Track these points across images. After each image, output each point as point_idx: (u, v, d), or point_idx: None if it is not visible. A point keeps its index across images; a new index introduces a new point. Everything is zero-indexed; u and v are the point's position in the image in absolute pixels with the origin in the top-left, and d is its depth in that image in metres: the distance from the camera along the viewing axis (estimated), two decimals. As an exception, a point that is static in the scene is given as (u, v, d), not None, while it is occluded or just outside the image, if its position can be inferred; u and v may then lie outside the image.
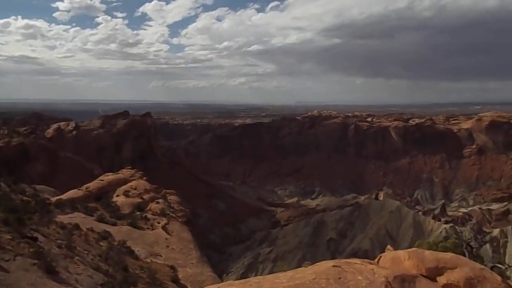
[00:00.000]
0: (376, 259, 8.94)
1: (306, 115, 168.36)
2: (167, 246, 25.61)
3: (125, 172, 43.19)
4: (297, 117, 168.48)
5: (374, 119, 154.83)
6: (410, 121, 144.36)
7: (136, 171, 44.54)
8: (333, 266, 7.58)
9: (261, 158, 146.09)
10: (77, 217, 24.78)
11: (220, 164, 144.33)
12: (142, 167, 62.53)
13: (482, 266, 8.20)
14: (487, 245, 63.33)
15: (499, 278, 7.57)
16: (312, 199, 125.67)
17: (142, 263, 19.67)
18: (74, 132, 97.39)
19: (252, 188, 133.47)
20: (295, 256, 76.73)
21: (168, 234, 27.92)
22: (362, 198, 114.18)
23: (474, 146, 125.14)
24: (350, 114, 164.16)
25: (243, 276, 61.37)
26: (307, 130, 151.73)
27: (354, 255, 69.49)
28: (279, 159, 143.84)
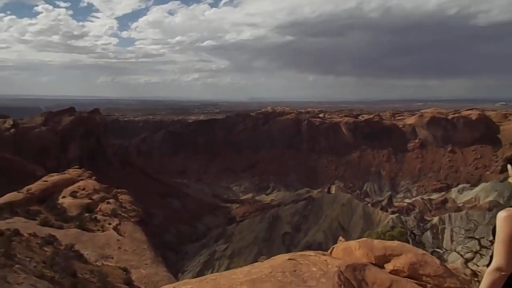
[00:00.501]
0: (329, 250, 9.27)
1: (260, 111, 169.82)
2: (119, 248, 24.70)
3: (72, 172, 40.91)
4: (251, 113, 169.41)
5: (326, 115, 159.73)
6: (360, 117, 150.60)
7: (84, 171, 42.36)
8: (289, 259, 7.74)
9: (215, 154, 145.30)
10: (17, 222, 23.08)
11: (174, 162, 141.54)
12: (91, 167, 59.53)
13: (424, 252, 8.81)
14: (428, 232, 68.02)
15: (438, 261, 8.20)
16: (267, 194, 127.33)
17: (92, 267, 18.80)
18: (12, 131, 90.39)
19: (207, 185, 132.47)
20: (251, 251, 77.38)
21: (120, 235, 26.93)
22: (315, 192, 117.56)
23: (417, 141, 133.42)
24: (303, 110, 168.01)
25: (199, 274, 60.88)
26: (261, 126, 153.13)
27: (309, 247, 71.52)
28: (234, 155, 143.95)
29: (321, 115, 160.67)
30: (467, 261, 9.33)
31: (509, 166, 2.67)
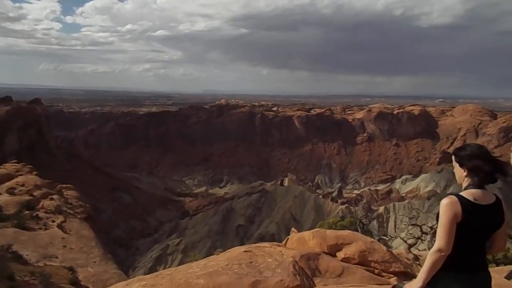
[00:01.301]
0: (284, 241, 9.47)
1: (214, 104, 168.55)
2: (64, 246, 23.41)
3: (9, 167, 37.93)
4: (205, 106, 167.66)
5: (279, 109, 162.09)
6: (312, 111, 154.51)
7: (24, 165, 39.47)
8: (245, 251, 7.78)
9: (168, 147, 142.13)
10: None
11: (124, 155, 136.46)
12: (31, 161, 55.65)
13: (372, 239, 9.31)
14: (375, 221, 71.88)
15: (384, 248, 8.72)
16: (221, 187, 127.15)
17: (33, 268, 17.61)
18: None
19: (160, 178, 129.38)
20: (205, 245, 77.05)
21: (66, 233, 25.51)
22: (269, 184, 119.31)
23: (365, 134, 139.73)
24: (256, 104, 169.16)
25: (152, 270, 59.53)
26: (215, 119, 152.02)
27: (262, 239, 72.58)
28: (187, 148, 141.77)
29: (274, 108, 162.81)
30: (410, 246, 10.00)
31: (453, 157, 2.86)
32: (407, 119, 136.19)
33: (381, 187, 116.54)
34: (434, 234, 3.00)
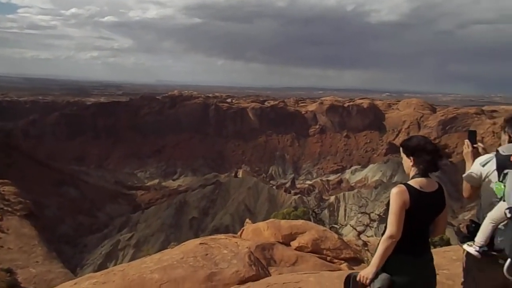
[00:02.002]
0: (239, 232, 9.54)
1: (167, 94, 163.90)
2: (1, 247, 21.81)
3: None
4: (157, 97, 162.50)
5: (233, 100, 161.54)
6: (266, 103, 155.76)
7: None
8: (200, 243, 7.74)
9: (118, 139, 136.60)
10: None
11: (71, 147, 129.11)
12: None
13: (324, 228, 9.67)
14: (326, 210, 74.59)
15: (336, 235, 9.12)
16: (174, 180, 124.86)
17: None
18: None
19: (110, 171, 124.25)
20: (158, 239, 75.54)
21: (3, 232, 23.76)
22: (223, 176, 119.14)
23: (317, 126, 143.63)
24: (211, 95, 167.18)
25: (101, 266, 57.34)
26: (168, 110, 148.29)
27: (216, 231, 72.57)
28: (139, 140, 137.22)
29: (228, 100, 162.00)
30: (359, 233, 10.50)
31: (401, 149, 3.03)
32: (356, 112, 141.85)
33: (332, 177, 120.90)
34: (381, 221, 3.19)
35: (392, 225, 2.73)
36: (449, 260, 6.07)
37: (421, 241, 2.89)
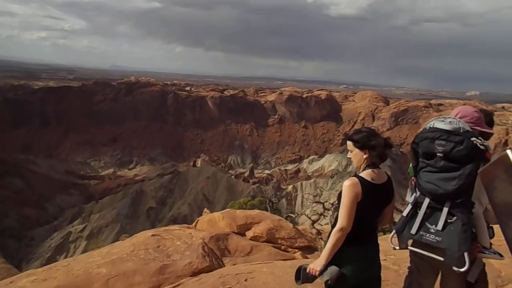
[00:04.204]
0: (194, 223, 9.39)
1: (123, 80, 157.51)
2: None
3: None
4: (113, 83, 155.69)
5: (192, 89, 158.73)
6: (225, 92, 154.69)
7: None
8: (152, 235, 7.51)
9: (70, 127, 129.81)
10: None
11: (16, 135, 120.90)
12: None
13: (280, 217, 9.76)
14: (283, 199, 76.03)
15: (291, 225, 9.23)
16: (130, 169, 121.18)
17: None
18: None
19: (60, 161, 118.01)
20: (113, 230, 73.26)
21: None
22: (181, 165, 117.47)
23: (276, 116, 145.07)
24: (169, 83, 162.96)
25: (50, 260, 54.71)
26: (124, 97, 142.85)
27: (174, 221, 71.70)
28: (92, 128, 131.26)
29: (187, 88, 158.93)
30: (313, 222, 10.74)
31: (350, 142, 3.04)
32: (315, 103, 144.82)
33: (290, 167, 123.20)
34: (335, 210, 3.23)
35: (343, 218, 2.75)
36: (396, 246, 6.32)
37: (370, 232, 2.95)
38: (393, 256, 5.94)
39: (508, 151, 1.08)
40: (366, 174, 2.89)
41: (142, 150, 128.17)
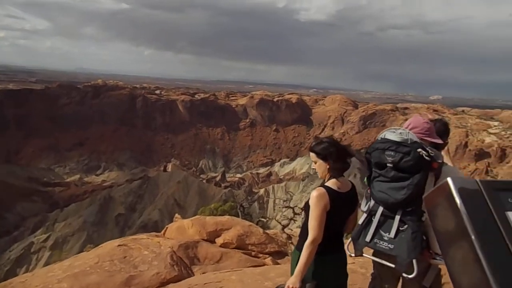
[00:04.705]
0: (163, 231, 9.18)
1: (89, 83, 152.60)
2: None
3: None
4: (78, 86, 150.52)
5: (162, 92, 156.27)
6: (196, 96, 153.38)
7: None
8: (118, 245, 7.27)
9: (33, 131, 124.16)
10: None
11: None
12: None
13: (250, 223, 9.72)
14: (255, 203, 76.14)
15: (261, 230, 9.21)
16: (97, 175, 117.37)
17: None
18: None
19: (21, 167, 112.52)
20: (79, 238, 70.50)
21: None
22: (151, 170, 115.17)
23: (247, 120, 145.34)
24: (138, 86, 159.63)
25: (10, 273, 51.88)
26: (91, 100, 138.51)
27: (144, 227, 70.03)
28: (57, 133, 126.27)
29: (157, 91, 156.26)
30: (284, 227, 10.77)
31: (313, 154, 3.05)
32: (285, 106, 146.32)
33: (262, 170, 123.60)
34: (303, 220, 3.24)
35: (314, 230, 2.76)
36: (363, 249, 6.44)
37: (337, 241, 2.99)
38: (361, 259, 6.04)
39: (449, 179, 1.00)
40: (332, 183, 2.93)
41: (110, 155, 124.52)
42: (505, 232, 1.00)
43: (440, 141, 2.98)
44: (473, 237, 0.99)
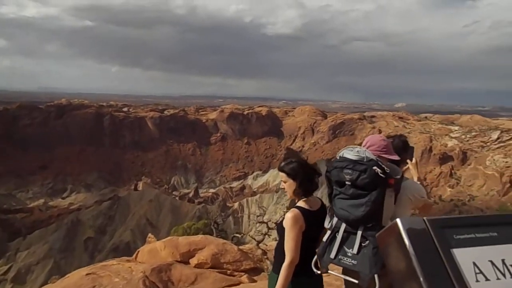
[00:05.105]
0: (134, 255, 8.86)
1: (52, 103, 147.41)
2: None
3: None
4: (40, 106, 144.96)
5: (130, 109, 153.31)
6: (166, 112, 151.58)
7: None
8: (86, 274, 6.93)
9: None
10: None
11: None
12: None
13: (224, 241, 9.56)
14: (230, 218, 75.38)
15: (236, 247, 9.08)
16: (64, 198, 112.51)
17: None
18: None
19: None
20: (44, 267, 66.83)
21: None
22: (121, 190, 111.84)
23: (218, 134, 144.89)
24: (105, 104, 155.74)
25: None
26: (54, 120, 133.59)
27: (115, 249, 67.55)
28: (18, 155, 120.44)
29: (125, 109, 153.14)
30: (258, 242, 10.67)
31: (283, 173, 3.04)
32: (256, 119, 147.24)
33: (235, 184, 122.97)
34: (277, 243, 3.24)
35: (291, 251, 2.76)
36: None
37: (312, 259, 2.96)
38: (335, 271, 6.06)
39: (398, 220, 1.15)
40: (303, 203, 2.94)
41: (77, 176, 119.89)
42: (450, 271, 1.03)
43: (397, 158, 3.05)
44: (421, 278, 1.03)
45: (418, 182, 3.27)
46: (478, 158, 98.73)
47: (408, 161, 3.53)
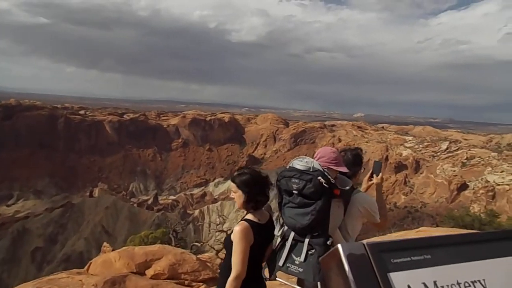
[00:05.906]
0: (86, 267, 8.40)
1: (0, 103, 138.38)
2: None
3: None
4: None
5: (87, 112, 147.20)
6: (125, 116, 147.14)
7: None
8: (31, 289, 6.46)
9: None
10: None
11: None
12: None
13: (183, 250, 9.33)
14: (190, 225, 73.95)
15: (194, 257, 8.88)
16: (9, 205, 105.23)
17: None
18: None
19: None
20: (-14, 279, 61.94)
21: None
22: (75, 196, 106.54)
23: (180, 140, 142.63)
24: (59, 106, 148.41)
25: None
26: (2, 121, 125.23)
27: (67, 260, 64.10)
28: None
29: (81, 112, 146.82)
30: (218, 251, 10.52)
31: (234, 185, 2.99)
32: (218, 126, 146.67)
33: (196, 191, 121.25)
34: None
35: (238, 265, 2.71)
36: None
37: (259, 272, 2.94)
38: (294, 278, 6.07)
39: (339, 246, 1.17)
40: (252, 216, 2.91)
41: (25, 182, 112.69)
42: None
43: (345, 170, 3.10)
44: None
45: (374, 199, 3.31)
46: (430, 167, 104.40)
47: (375, 176, 3.59)
